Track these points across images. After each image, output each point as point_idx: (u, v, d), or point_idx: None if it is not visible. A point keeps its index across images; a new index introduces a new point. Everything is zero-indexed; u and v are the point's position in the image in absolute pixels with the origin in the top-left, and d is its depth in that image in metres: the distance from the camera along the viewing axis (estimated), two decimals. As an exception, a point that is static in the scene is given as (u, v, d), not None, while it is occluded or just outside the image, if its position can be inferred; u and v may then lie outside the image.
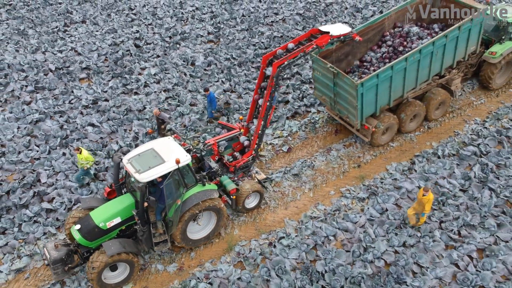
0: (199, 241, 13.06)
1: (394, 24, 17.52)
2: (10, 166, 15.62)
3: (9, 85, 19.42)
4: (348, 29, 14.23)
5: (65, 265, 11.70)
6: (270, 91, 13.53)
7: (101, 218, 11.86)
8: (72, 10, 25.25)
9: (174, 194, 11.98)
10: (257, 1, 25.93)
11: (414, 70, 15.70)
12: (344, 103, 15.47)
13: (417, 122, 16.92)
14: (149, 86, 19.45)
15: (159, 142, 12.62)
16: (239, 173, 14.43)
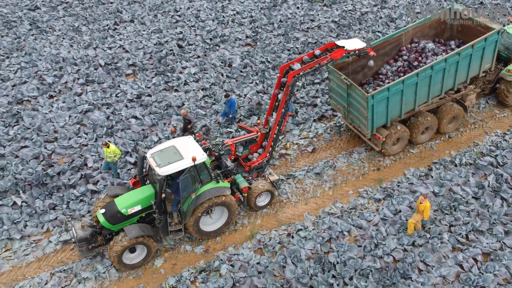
0: (210, 233, 14.22)
1: (412, 40, 18.16)
2: (61, 150, 17.44)
3: (63, 77, 21.37)
4: (363, 44, 15.03)
5: (89, 244, 13.15)
6: (285, 99, 14.49)
7: (123, 205, 13.25)
8: (122, 9, 27.15)
9: (189, 188, 13.16)
10: (295, 7, 27.13)
11: (426, 85, 16.31)
12: (356, 113, 16.30)
13: (429, 134, 17.52)
14: (188, 84, 20.99)
15: (180, 140, 13.87)
16: (253, 173, 15.46)
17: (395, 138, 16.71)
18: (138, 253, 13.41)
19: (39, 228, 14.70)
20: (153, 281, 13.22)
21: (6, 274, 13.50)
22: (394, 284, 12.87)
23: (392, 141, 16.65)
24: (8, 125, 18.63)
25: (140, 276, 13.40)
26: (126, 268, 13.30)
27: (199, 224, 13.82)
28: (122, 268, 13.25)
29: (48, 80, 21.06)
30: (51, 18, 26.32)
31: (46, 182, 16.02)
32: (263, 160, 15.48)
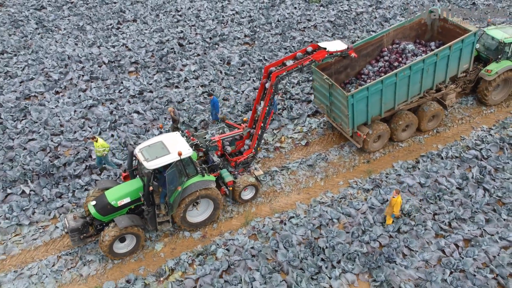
0: (196, 225, 14.94)
1: (393, 41, 18.81)
2: (67, 143, 18.34)
3: (68, 74, 22.27)
4: (344, 46, 15.59)
5: (81, 234, 13.84)
6: (269, 97, 15.11)
7: (113, 197, 13.91)
8: (125, 9, 28.06)
9: (176, 181, 13.82)
10: (292, 7, 28.00)
11: (405, 84, 16.92)
12: (338, 111, 16.97)
13: (409, 132, 18.22)
14: (188, 81, 21.87)
15: (168, 136, 14.49)
16: (239, 168, 16.14)
17: (376, 136, 17.35)
18: (127, 243, 14.11)
19: (46, 215, 15.59)
20: (153, 264, 14.10)
21: (16, 257, 14.39)
22: (379, 267, 13.71)
23: (373, 139, 17.29)
24: (16, 119, 19.56)
25: (141, 259, 14.28)
26: (116, 257, 14.01)
27: (186, 215, 14.53)
28: (113, 257, 13.97)
29: (54, 76, 21.97)
30: (57, 18, 27.25)
31: (53, 172, 16.93)
32: (248, 156, 16.13)
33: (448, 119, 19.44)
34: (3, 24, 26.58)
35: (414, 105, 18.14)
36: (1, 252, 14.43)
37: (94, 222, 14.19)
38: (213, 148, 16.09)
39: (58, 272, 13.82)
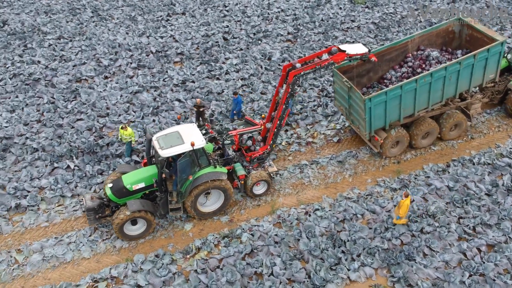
0: (207, 214, 15.45)
1: (418, 47, 18.63)
2: (111, 124, 19.50)
3: (118, 61, 23.53)
4: (365, 49, 15.54)
5: (97, 214, 14.58)
6: (286, 96, 15.36)
7: (129, 181, 14.62)
8: (175, 2, 29.18)
9: (188, 170, 14.42)
10: (337, 8, 28.30)
11: (425, 91, 16.72)
12: (356, 114, 17.03)
13: (430, 139, 18.03)
14: (229, 74, 22.66)
15: (184, 126, 15.11)
16: (254, 163, 16.49)
17: (394, 141, 17.33)
18: (139, 226, 14.76)
19: (88, 189, 16.72)
20: (181, 242, 14.94)
21: (58, 225, 15.58)
22: (399, 264, 14.00)
23: (390, 144, 17.26)
24: (67, 100, 20.93)
25: (171, 237, 15.16)
26: (127, 239, 14.73)
27: (196, 204, 15.09)
28: (123, 238, 14.71)
29: (105, 62, 23.29)
30: (111, 7, 28.70)
31: (96, 151, 18.09)
32: (264, 152, 16.46)
33: (484, 125, 19.33)
34: (62, 11, 28.27)
35: (436, 113, 17.89)
36: (45, 219, 15.66)
37: (110, 203, 14.87)
38: (230, 142, 16.55)
39: (93, 242, 14.89)
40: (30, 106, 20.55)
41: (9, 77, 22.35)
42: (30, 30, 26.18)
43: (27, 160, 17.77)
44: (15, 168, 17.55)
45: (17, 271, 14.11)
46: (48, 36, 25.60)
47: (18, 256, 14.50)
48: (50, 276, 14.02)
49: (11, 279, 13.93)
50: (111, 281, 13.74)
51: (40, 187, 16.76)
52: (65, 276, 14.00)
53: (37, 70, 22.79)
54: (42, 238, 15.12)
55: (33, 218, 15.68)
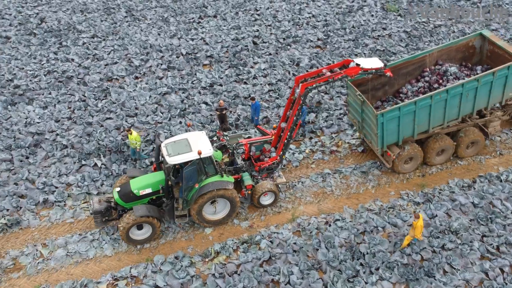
0: (212, 222, 15.45)
1: (436, 62, 18.17)
2: (139, 124, 19.89)
3: (149, 61, 23.95)
4: (381, 64, 15.27)
5: (103, 216, 14.76)
6: (297, 108, 15.20)
7: (136, 186, 14.77)
8: (207, 5, 29.49)
9: (194, 178, 14.47)
10: (369, 15, 28.06)
11: (441, 108, 16.28)
12: (368, 129, 16.74)
13: (445, 156, 17.60)
14: (257, 78, 22.77)
15: (193, 134, 15.11)
16: (263, 173, 16.37)
17: (407, 157, 16.98)
18: (144, 231, 14.90)
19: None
20: (201, 245, 15.15)
21: (82, 222, 16.01)
22: (417, 280, 13.84)
23: (403, 160, 16.92)
24: (98, 98, 21.46)
25: (191, 239, 15.38)
26: (132, 243, 14.87)
27: (202, 212, 15.11)
28: (129, 243, 14.85)
29: (136, 63, 23.75)
30: (145, 8, 29.22)
31: (123, 150, 18.48)
32: (273, 163, 16.31)
33: (515, 142, 18.91)
34: (97, 10, 28.94)
35: (452, 129, 17.42)
36: (71, 215, 16.11)
37: (118, 207, 15.06)
38: (240, 151, 16.58)
39: (116, 240, 15.23)
40: (62, 103, 21.14)
41: (44, 74, 23.04)
42: (66, 28, 26.91)
43: (57, 156, 18.31)
44: (45, 164, 18.10)
45: (42, 265, 14.59)
46: (83, 35, 26.27)
47: (43, 250, 14.98)
48: (73, 271, 14.44)
49: (36, 272, 14.40)
50: (131, 280, 14.06)
51: (68, 183, 17.25)
52: (87, 273, 14.39)
53: (71, 68, 23.42)
54: (67, 233, 15.58)
55: (60, 213, 16.14)
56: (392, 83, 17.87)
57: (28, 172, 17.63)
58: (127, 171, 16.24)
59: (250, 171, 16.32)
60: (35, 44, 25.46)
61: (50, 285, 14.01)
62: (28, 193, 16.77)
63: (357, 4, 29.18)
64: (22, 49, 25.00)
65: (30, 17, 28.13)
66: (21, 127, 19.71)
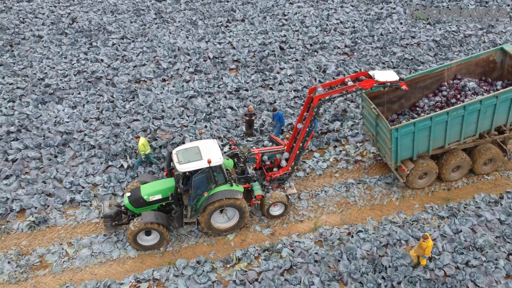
0: (221, 231, 15.47)
1: (455, 76, 17.80)
2: (165, 127, 20.13)
3: (176, 64, 24.21)
4: (396, 77, 15.14)
5: (113, 221, 14.87)
6: (310, 119, 15.22)
7: (146, 192, 14.85)
8: (236, 9, 29.64)
9: (203, 187, 14.51)
10: (398, 22, 27.83)
11: (457, 124, 15.96)
12: (382, 142, 16.50)
13: (460, 173, 17.34)
14: (283, 84, 22.80)
15: (205, 142, 15.20)
16: (274, 183, 16.31)
17: (422, 173, 16.74)
18: (153, 237, 14.97)
19: (138, 189, 17.36)
20: (223, 250, 15.27)
21: (108, 222, 16.28)
22: (440, 296, 13.71)
23: (417, 175, 16.68)
24: (125, 99, 21.79)
25: (213, 244, 15.51)
26: (139, 248, 14.96)
27: (211, 220, 15.13)
28: (136, 247, 14.96)
29: (163, 65, 24.03)
30: (174, 10, 29.52)
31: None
32: (285, 173, 16.28)
33: (545, 158, 18.50)
34: (127, 11, 29.38)
35: (469, 145, 17.07)
36: (96, 216, 16.41)
37: (128, 212, 15.19)
38: (252, 160, 16.54)
39: (140, 242, 15.47)
40: (91, 103, 21.54)
41: (74, 74, 23.50)
42: (96, 28, 27.39)
43: (84, 156, 18.67)
44: (73, 163, 18.48)
45: (67, 264, 14.90)
46: (112, 36, 26.69)
47: (69, 249, 15.30)
48: (97, 271, 14.71)
49: (61, 270, 14.73)
50: (153, 283, 14.25)
51: (94, 183, 17.58)
52: (110, 273, 14.65)
53: (100, 68, 23.83)
54: (92, 233, 15.86)
55: (85, 213, 16.45)
56: (409, 96, 17.56)
57: (56, 171, 18.02)
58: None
59: (261, 180, 16.29)
60: (66, 43, 25.98)
61: (74, 284, 14.30)
62: (56, 192, 17.14)
63: (386, 12, 28.97)
64: (54, 49, 25.54)
65: (62, 17, 28.72)
66: (51, 126, 20.15)
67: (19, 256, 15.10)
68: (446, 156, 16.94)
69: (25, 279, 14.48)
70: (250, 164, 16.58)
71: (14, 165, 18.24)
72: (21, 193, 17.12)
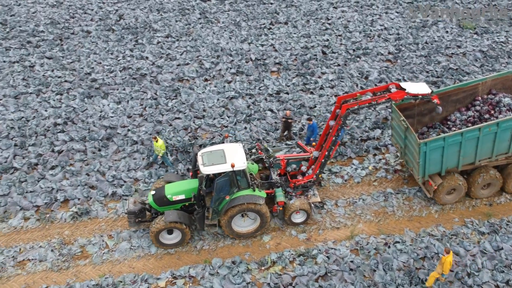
0: (241, 235, 15.52)
1: (489, 91, 17.35)
2: (206, 127, 20.43)
3: (219, 65, 24.51)
4: (428, 90, 14.97)
5: (137, 217, 15.15)
6: (336, 128, 15.15)
7: (170, 191, 15.02)
8: (279, 11, 29.74)
9: (226, 190, 14.58)
10: (444, 31, 27.31)
11: (490, 141, 15.54)
12: (410, 156, 16.21)
13: (490, 190, 16.85)
14: (323, 89, 22.76)
15: (230, 145, 15.25)
16: (297, 191, 16.24)
17: (450, 188, 16.38)
18: (174, 236, 15.17)
19: (177, 187, 17.68)
20: (258, 252, 15.40)
21: (147, 217, 16.67)
22: (477, 314, 13.44)
23: (445, 191, 16.34)
24: (168, 97, 22.22)
25: (248, 245, 15.66)
26: (161, 246, 15.21)
27: (232, 224, 15.21)
28: (158, 246, 15.21)
29: (206, 65, 24.36)
30: (218, 11, 29.87)
31: (189, 150, 19.03)
32: (309, 181, 16.20)
33: None
34: (172, 10, 29.91)
35: (501, 163, 16.51)
36: (136, 210, 16.79)
37: (152, 210, 15.44)
38: (276, 166, 16.52)
39: (177, 239, 15.77)
40: (135, 99, 22.06)
41: (119, 70, 24.12)
42: (142, 26, 28.00)
43: (127, 151, 19.15)
44: (115, 158, 18.99)
45: (107, 256, 15.34)
46: (158, 34, 27.24)
47: (109, 241, 15.75)
48: (135, 265, 15.09)
49: (101, 262, 15.18)
50: (189, 280, 14.51)
51: (136, 178, 18.00)
52: (148, 268, 15.00)
53: (145, 65, 24.37)
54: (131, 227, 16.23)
55: (126, 207, 16.84)
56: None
57: (100, 164, 18.56)
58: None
59: (285, 187, 16.28)
60: (113, 40, 26.68)
61: (113, 276, 14.71)
62: (99, 185, 17.66)
63: (432, 19, 28.47)
64: (101, 44, 26.27)
65: (110, 13, 29.49)
66: (96, 120, 20.76)
67: (61, 245, 15.64)
68: (477, 172, 16.52)
69: (66, 268, 14.99)
70: (275, 170, 16.63)
71: (60, 156, 18.89)
72: (65, 184, 17.73)
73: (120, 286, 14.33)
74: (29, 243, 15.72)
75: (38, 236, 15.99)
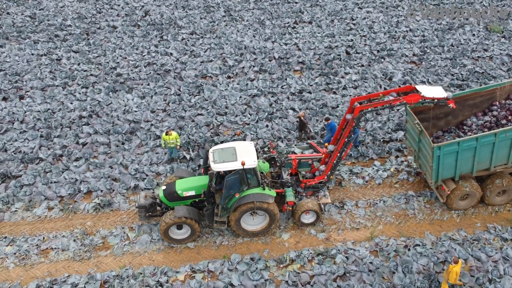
0: (250, 233, 15.49)
1: (508, 96, 17.05)
2: (228, 124, 20.55)
3: (242, 62, 24.62)
4: (444, 94, 14.76)
5: (147, 212, 15.31)
6: (349, 130, 15.02)
7: (181, 187, 15.14)
8: (304, 10, 29.71)
9: (235, 188, 14.59)
10: (470, 34, 26.93)
11: (506, 146, 15.25)
12: (424, 159, 15.94)
13: (506, 197, 16.54)
14: (346, 89, 22.67)
15: (241, 143, 15.32)
16: (308, 191, 16.27)
17: (464, 194, 16.11)
18: (184, 231, 15.28)
19: (198, 182, 17.83)
20: (277, 250, 15.44)
21: (167, 211, 16.84)
22: (498, 321, 13.26)
23: (459, 196, 16.08)
24: (191, 94, 22.41)
25: (267, 243, 15.71)
26: (171, 241, 15.31)
27: (240, 221, 15.21)
28: (167, 240, 15.30)
29: (230, 62, 24.49)
30: (243, 9, 29.98)
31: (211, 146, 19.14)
32: (320, 182, 16.15)
33: None
34: (197, 7, 30.13)
35: None
36: (157, 204, 17.01)
37: (162, 204, 15.55)
38: (288, 165, 16.47)
39: (198, 233, 15.93)
40: (159, 95, 22.31)
41: (144, 65, 24.41)
42: (167, 22, 28.28)
43: (149, 145, 19.39)
44: (138, 151, 19.24)
45: (128, 247, 15.56)
46: (182, 30, 27.48)
47: (130, 233, 15.97)
48: (155, 258, 15.28)
49: (121, 253, 15.40)
50: (208, 275, 14.63)
51: (158, 172, 18.21)
52: (168, 261, 15.18)
53: (169, 61, 24.62)
54: (152, 221, 16.40)
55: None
56: (457, 113, 16.96)
57: (123, 158, 18.84)
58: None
59: (296, 187, 16.20)
60: (138, 35, 27.00)
61: (133, 268, 14.92)
62: (121, 178, 17.92)
63: (458, 22, 28.12)
64: (126, 39, 26.61)
65: (136, 9, 29.86)
66: (120, 114, 21.06)
67: (84, 235, 15.93)
68: (492, 178, 16.24)
69: (88, 258, 15.26)
70: (286, 169, 16.61)
71: (84, 148, 19.24)
72: (89, 175, 18.04)
73: (139, 277, 14.52)
74: (53, 232, 16.05)
75: (61, 226, 16.31)
